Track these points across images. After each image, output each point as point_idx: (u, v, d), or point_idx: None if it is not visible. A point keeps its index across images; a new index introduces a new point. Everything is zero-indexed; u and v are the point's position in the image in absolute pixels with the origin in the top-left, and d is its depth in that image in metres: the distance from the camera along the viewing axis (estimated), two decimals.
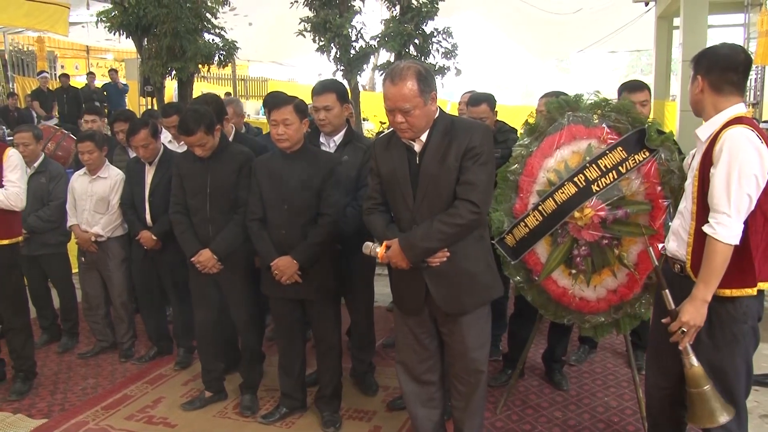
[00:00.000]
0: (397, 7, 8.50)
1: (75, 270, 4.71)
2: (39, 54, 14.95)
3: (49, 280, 4.61)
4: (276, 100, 3.29)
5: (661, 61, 11.89)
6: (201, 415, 3.55)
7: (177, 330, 4.27)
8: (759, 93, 9.59)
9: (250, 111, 14.53)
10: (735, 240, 2.18)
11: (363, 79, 14.26)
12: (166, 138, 4.55)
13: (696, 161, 2.34)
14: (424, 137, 2.55)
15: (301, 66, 21.62)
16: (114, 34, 9.41)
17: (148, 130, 3.94)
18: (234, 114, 4.61)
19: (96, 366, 4.27)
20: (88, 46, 18.35)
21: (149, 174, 4.05)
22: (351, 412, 3.53)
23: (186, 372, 4.12)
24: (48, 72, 13.93)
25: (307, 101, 3.39)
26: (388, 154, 2.65)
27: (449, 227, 2.49)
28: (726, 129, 2.21)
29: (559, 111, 3.16)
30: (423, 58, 8.27)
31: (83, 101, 11.94)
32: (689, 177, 2.40)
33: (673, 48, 11.63)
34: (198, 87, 11.24)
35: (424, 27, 8.37)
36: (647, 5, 12.08)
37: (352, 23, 8.40)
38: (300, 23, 8.52)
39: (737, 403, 2.33)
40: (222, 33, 9.64)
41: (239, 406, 3.59)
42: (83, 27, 13.95)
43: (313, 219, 3.16)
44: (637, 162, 2.90)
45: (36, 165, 4.32)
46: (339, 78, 8.06)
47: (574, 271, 3.09)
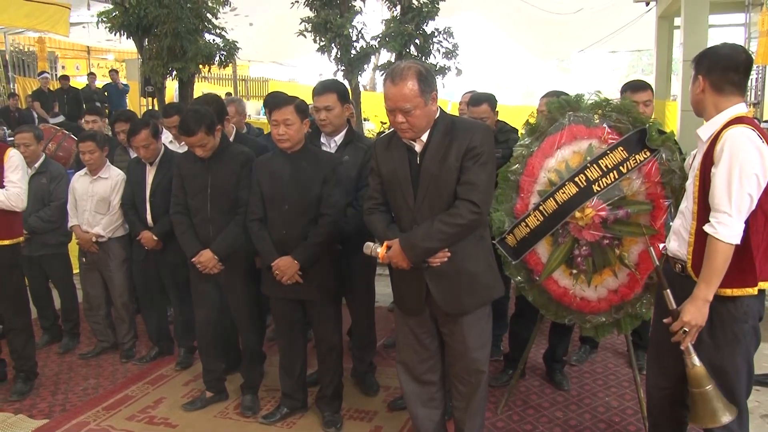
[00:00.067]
0: (398, 7, 8.50)
1: (76, 270, 4.72)
2: (40, 54, 14.95)
3: (50, 280, 4.60)
4: (277, 100, 3.29)
5: (662, 61, 11.89)
6: (202, 416, 3.56)
7: (178, 330, 4.27)
8: (760, 93, 9.59)
9: (250, 111, 14.52)
10: (736, 239, 2.18)
11: (364, 79, 14.31)
12: (166, 138, 4.55)
13: (697, 161, 2.34)
14: (424, 137, 2.55)
15: (302, 66, 21.62)
16: (115, 34, 9.42)
17: (148, 130, 3.94)
18: (236, 113, 4.61)
19: (97, 366, 4.27)
20: (88, 46, 18.36)
21: (150, 174, 4.05)
22: (352, 412, 3.53)
23: (187, 372, 4.12)
24: (49, 72, 13.93)
25: (308, 101, 3.39)
26: (388, 154, 2.65)
27: (450, 227, 2.49)
28: (727, 129, 2.21)
29: (560, 111, 3.16)
30: (424, 58, 8.27)
31: (84, 102, 11.95)
32: (690, 177, 2.40)
33: (674, 48, 11.63)
34: (199, 87, 11.25)
35: (424, 27, 8.37)
36: (648, 5, 12.09)
37: (352, 23, 8.40)
38: (301, 23, 8.52)
39: (738, 403, 2.33)
40: (223, 33, 9.64)
41: (240, 406, 3.59)
42: (84, 27, 13.95)
43: (314, 219, 3.16)
44: (638, 162, 2.90)
45: (37, 165, 4.32)
46: (340, 78, 8.06)
47: (575, 271, 3.09)
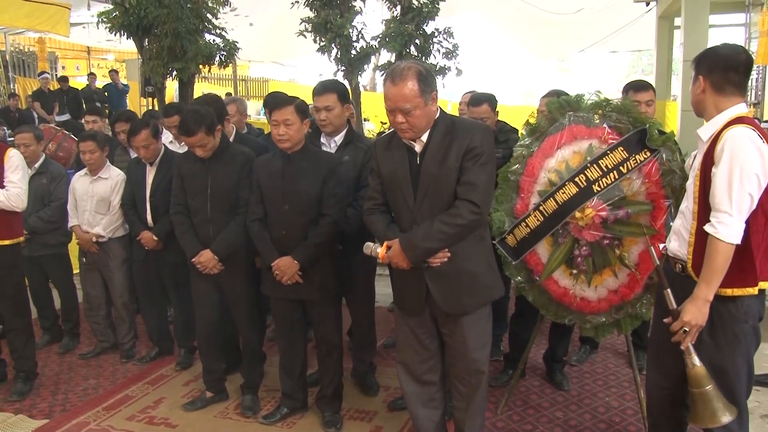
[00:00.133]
0: (398, 8, 8.50)
1: (76, 270, 4.71)
2: (40, 55, 14.95)
3: (50, 280, 4.60)
4: (277, 100, 3.29)
5: (662, 61, 11.89)
6: (202, 416, 3.56)
7: (178, 330, 4.27)
8: (760, 93, 9.58)
9: (251, 111, 14.51)
10: (736, 239, 2.18)
11: (364, 80, 14.29)
12: (167, 138, 4.56)
13: (697, 161, 2.34)
14: (424, 137, 2.55)
15: (302, 66, 21.60)
16: (115, 34, 9.41)
17: (149, 130, 3.94)
18: (237, 111, 4.62)
19: (97, 366, 4.27)
20: (89, 46, 18.35)
21: (150, 174, 4.05)
22: (352, 412, 3.53)
23: (187, 372, 4.12)
24: (49, 73, 13.92)
25: (308, 102, 3.39)
26: (388, 154, 2.65)
27: (450, 227, 2.49)
28: (727, 128, 2.21)
29: (560, 111, 3.16)
30: (424, 58, 8.27)
31: (84, 102, 11.95)
32: (690, 177, 2.40)
33: (674, 48, 11.63)
34: (199, 87, 11.24)
35: (425, 27, 8.37)
36: (648, 5, 12.09)
37: (352, 23, 8.39)
38: (301, 23, 8.52)
39: (738, 403, 2.33)
40: (223, 33, 9.63)
41: (240, 406, 3.59)
42: (84, 28, 13.95)
43: (314, 219, 3.16)
44: (638, 162, 2.89)
45: (37, 166, 4.32)
46: (340, 78, 8.06)
47: (575, 272, 3.09)
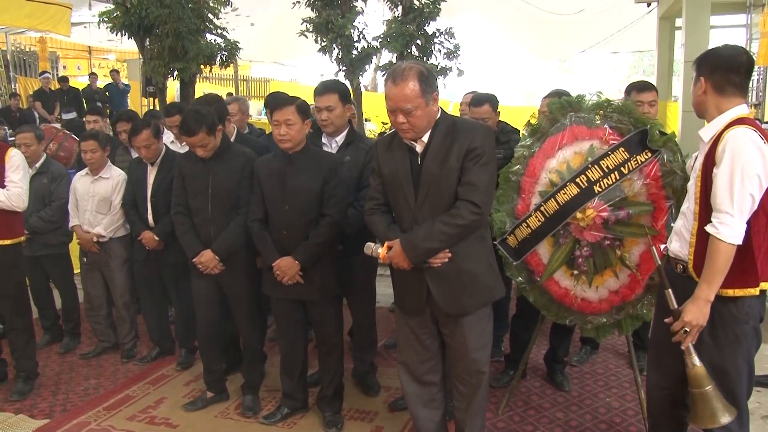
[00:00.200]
0: (399, 8, 8.49)
1: (77, 270, 4.71)
2: (41, 54, 14.96)
3: (51, 280, 4.61)
4: (278, 100, 3.29)
5: (663, 62, 11.87)
6: (203, 416, 3.56)
7: (179, 330, 4.27)
8: (761, 94, 9.55)
9: (252, 111, 14.52)
10: (738, 240, 2.18)
11: (365, 80, 14.27)
12: (168, 138, 4.56)
13: (699, 162, 2.34)
14: (425, 138, 2.55)
15: (303, 66, 21.60)
16: (116, 34, 9.40)
17: (150, 130, 3.94)
18: (239, 111, 4.64)
19: (98, 366, 4.27)
20: (90, 46, 18.36)
21: (151, 174, 4.05)
22: (352, 412, 3.53)
23: (188, 372, 4.12)
24: (50, 72, 13.93)
25: (309, 102, 3.39)
26: (389, 154, 2.65)
27: (450, 228, 2.49)
28: (729, 129, 2.21)
29: (562, 112, 3.16)
30: (425, 58, 8.26)
31: (85, 102, 11.96)
32: (692, 177, 2.40)
33: (675, 49, 11.61)
34: (200, 87, 11.23)
35: (426, 27, 8.35)
36: (649, 6, 12.08)
37: (354, 24, 8.38)
38: (302, 24, 8.51)
39: (739, 404, 2.33)
40: (224, 33, 9.63)
41: (241, 406, 3.59)
42: (85, 27, 13.95)
43: (315, 220, 3.16)
44: (640, 163, 2.89)
45: (38, 165, 4.32)
46: (341, 78, 8.06)
47: (576, 272, 3.09)
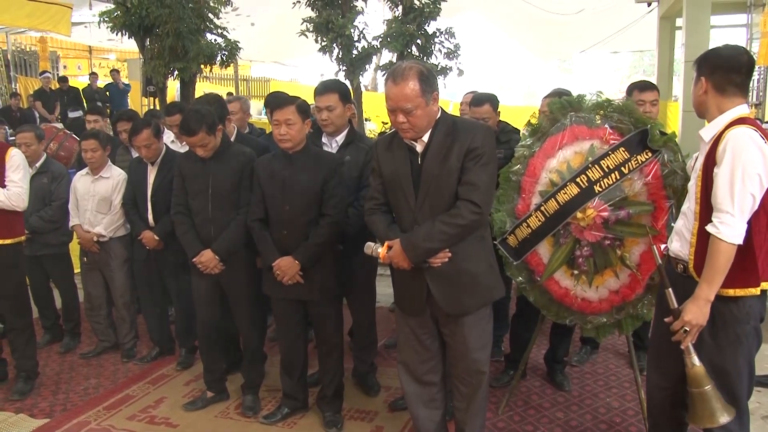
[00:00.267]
0: (400, 8, 8.49)
1: (77, 270, 4.71)
2: (41, 54, 14.97)
3: (51, 280, 4.61)
4: (278, 100, 3.29)
5: (664, 62, 11.88)
6: (203, 416, 3.56)
7: (179, 330, 4.27)
8: (762, 94, 9.56)
9: (252, 111, 14.50)
10: (738, 239, 2.18)
11: (365, 80, 14.27)
12: (168, 138, 4.56)
13: (699, 162, 2.34)
14: (426, 137, 2.55)
15: (304, 66, 21.63)
16: (116, 34, 9.41)
17: (150, 130, 3.93)
18: (240, 110, 4.65)
19: (98, 366, 4.27)
20: (90, 46, 18.37)
21: (152, 174, 4.05)
22: (353, 412, 3.53)
23: (188, 372, 4.12)
24: (50, 72, 13.94)
25: (310, 101, 3.39)
26: (390, 154, 2.65)
27: (450, 228, 2.49)
28: (729, 129, 2.21)
29: (562, 111, 3.16)
30: (425, 58, 8.25)
31: (86, 101, 11.96)
32: (692, 177, 2.40)
33: (676, 48, 11.62)
34: (200, 87, 11.24)
35: (426, 27, 8.35)
36: (650, 6, 12.08)
37: (354, 23, 8.38)
38: (302, 23, 8.51)
39: (739, 404, 2.33)
40: (224, 33, 9.64)
41: (241, 406, 3.59)
42: (86, 27, 13.95)
43: (315, 220, 3.16)
44: (640, 163, 2.89)
45: (38, 165, 4.32)
46: (341, 78, 8.06)
47: (576, 272, 3.08)
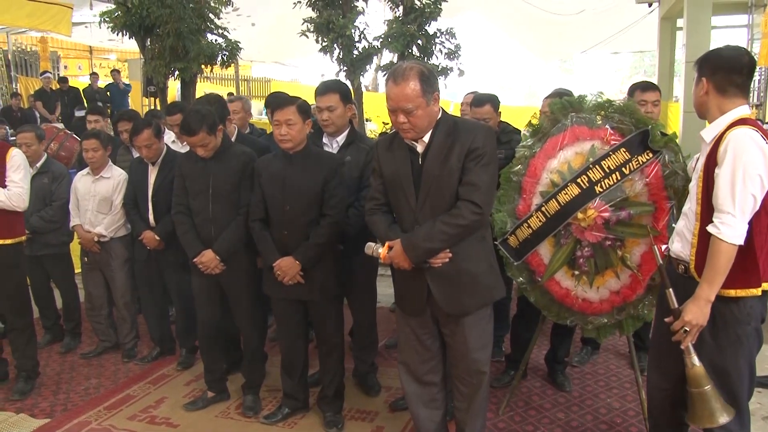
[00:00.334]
0: (400, 8, 8.49)
1: (78, 270, 4.72)
2: (42, 54, 14.97)
3: (52, 280, 4.61)
4: (279, 100, 3.29)
5: (665, 63, 11.88)
6: (203, 416, 3.56)
7: (179, 330, 4.26)
8: (763, 95, 9.55)
9: (252, 111, 14.50)
10: (739, 240, 2.17)
11: (366, 80, 14.24)
12: (169, 138, 4.56)
13: (700, 162, 2.35)
14: (426, 138, 2.55)
15: (304, 66, 21.65)
16: (117, 34, 9.41)
17: (151, 130, 3.94)
18: (241, 110, 4.66)
19: (99, 366, 4.27)
20: (91, 46, 18.37)
21: (152, 174, 4.05)
22: (353, 412, 3.53)
23: (188, 372, 4.12)
24: (51, 72, 13.95)
25: (310, 102, 3.39)
26: (390, 154, 2.65)
27: (451, 228, 2.49)
28: (730, 130, 2.21)
29: (563, 112, 3.16)
30: (426, 58, 8.25)
31: (86, 101, 11.97)
32: (693, 178, 2.40)
33: (677, 49, 11.62)
34: (201, 87, 11.25)
35: (427, 28, 8.35)
36: (650, 6, 12.08)
37: (355, 24, 8.37)
38: (303, 24, 8.51)
39: (740, 405, 2.33)
40: (225, 33, 9.64)
41: (242, 406, 3.59)
42: (86, 27, 13.95)
43: (315, 220, 3.16)
44: (641, 163, 2.89)
45: (39, 165, 4.32)
46: (342, 78, 8.06)
47: (577, 273, 3.08)
